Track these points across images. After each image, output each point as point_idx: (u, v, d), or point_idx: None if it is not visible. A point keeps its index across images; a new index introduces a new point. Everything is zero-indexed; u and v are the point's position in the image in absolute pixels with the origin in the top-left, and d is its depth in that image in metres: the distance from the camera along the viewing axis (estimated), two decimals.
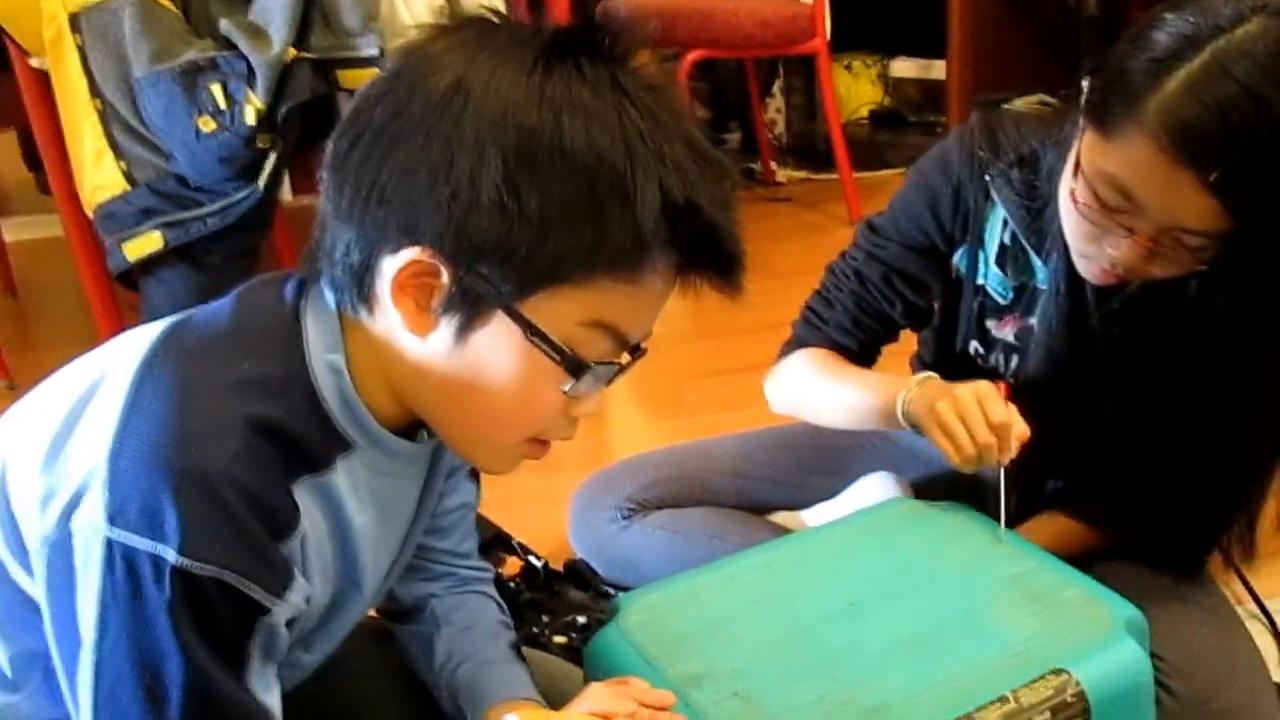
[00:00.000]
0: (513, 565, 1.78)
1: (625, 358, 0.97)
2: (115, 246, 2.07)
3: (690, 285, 0.95)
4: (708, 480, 1.75)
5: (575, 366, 0.92)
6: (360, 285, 0.92)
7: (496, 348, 0.91)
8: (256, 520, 0.86)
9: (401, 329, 0.92)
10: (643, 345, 0.99)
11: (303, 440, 0.92)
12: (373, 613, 1.30)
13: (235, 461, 0.86)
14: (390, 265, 0.89)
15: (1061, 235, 1.31)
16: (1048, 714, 1.05)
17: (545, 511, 1.91)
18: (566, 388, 0.93)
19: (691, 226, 0.90)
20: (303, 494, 0.92)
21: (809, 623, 1.17)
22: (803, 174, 3.77)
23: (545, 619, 1.66)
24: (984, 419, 1.27)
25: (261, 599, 0.87)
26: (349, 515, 0.98)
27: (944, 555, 1.25)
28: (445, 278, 0.89)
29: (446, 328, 0.91)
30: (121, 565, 0.83)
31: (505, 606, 1.31)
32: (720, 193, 0.92)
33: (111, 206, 2.07)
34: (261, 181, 2.05)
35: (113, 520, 0.83)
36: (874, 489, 1.58)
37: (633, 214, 0.87)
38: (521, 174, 0.86)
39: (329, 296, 0.96)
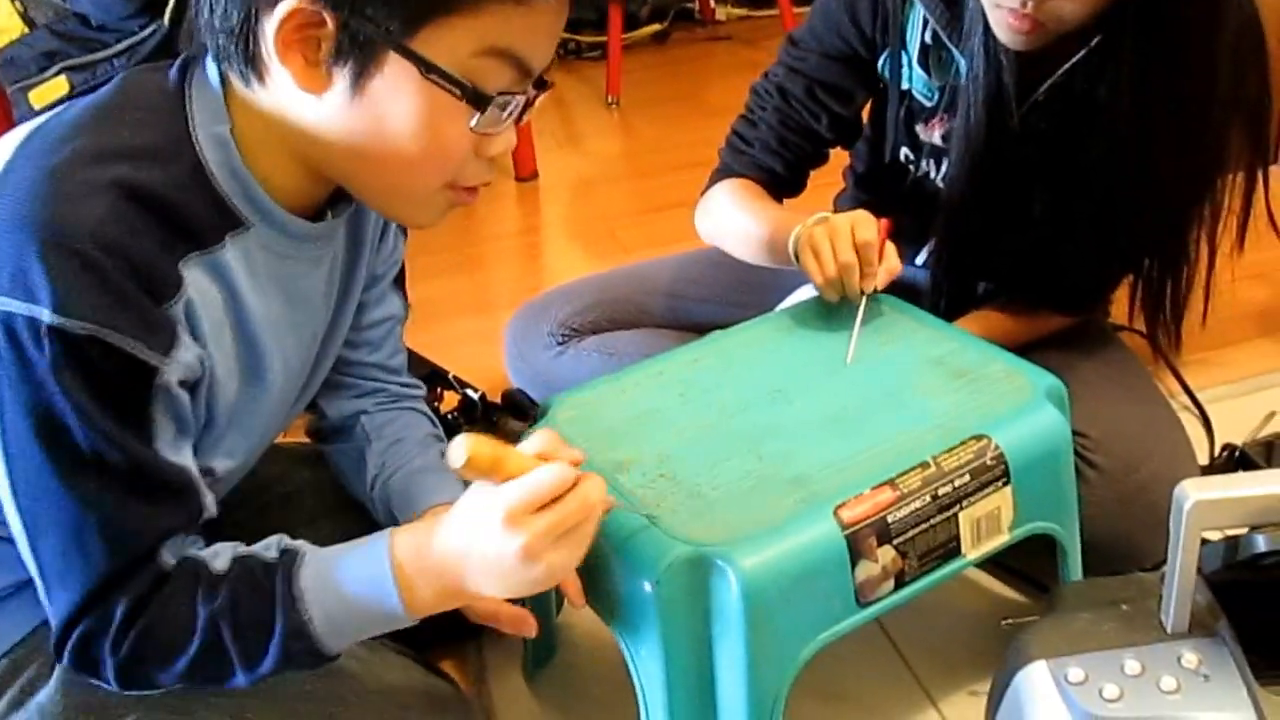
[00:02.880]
0: (450, 400, 1.78)
1: (530, 91, 0.95)
2: (19, 95, 1.98)
3: None
4: (641, 302, 1.75)
5: (477, 98, 0.90)
6: (245, 50, 0.90)
7: (395, 92, 0.89)
8: (129, 279, 0.85)
9: (295, 91, 0.90)
10: (546, 78, 0.97)
11: (184, 212, 0.90)
12: (303, 438, 1.31)
13: (103, 223, 0.84)
14: (271, 21, 0.87)
15: (980, 16, 1.30)
16: (968, 477, 1.07)
17: (481, 349, 1.92)
18: (473, 123, 0.92)
19: None
20: (193, 272, 0.91)
21: (735, 409, 1.18)
22: (742, 11, 3.70)
23: None
24: (850, 239, 1.27)
25: (146, 357, 0.86)
26: (244, 296, 0.96)
27: (869, 341, 1.26)
28: (330, 25, 0.87)
29: (341, 80, 0.89)
30: (2, 332, 0.83)
31: (437, 422, 1.32)
32: None
33: (11, 52, 1.98)
34: (166, 15, 1.97)
35: None
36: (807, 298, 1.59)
37: None
38: None
39: (212, 72, 0.94)
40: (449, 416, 1.72)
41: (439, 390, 1.77)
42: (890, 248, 1.29)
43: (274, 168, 0.95)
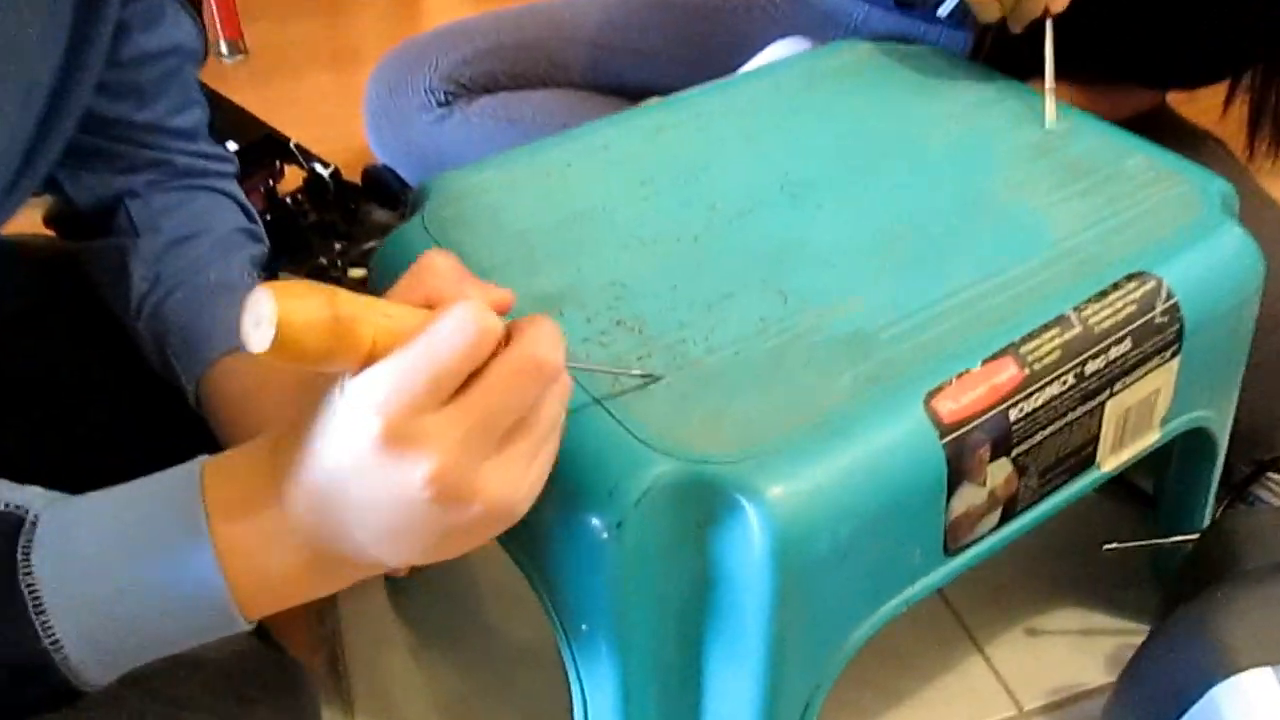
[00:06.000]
0: (293, 178, 1.36)
1: None
2: None
3: None
4: (555, 51, 1.37)
5: None
6: None
7: None
8: None
9: None
10: None
11: None
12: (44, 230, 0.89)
13: None
14: None
15: None
16: (1129, 343, 0.65)
17: (337, 112, 1.56)
18: None
19: None
20: None
21: (732, 212, 0.73)
22: None
23: (339, 246, 1.32)
24: None
25: None
26: None
27: (930, 114, 0.82)
28: None
29: None
30: None
31: (253, 211, 0.87)
32: None
33: None
34: None
35: None
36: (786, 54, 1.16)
37: None
38: None
39: None
40: (290, 200, 1.28)
41: (277, 164, 1.38)
42: None
43: None
